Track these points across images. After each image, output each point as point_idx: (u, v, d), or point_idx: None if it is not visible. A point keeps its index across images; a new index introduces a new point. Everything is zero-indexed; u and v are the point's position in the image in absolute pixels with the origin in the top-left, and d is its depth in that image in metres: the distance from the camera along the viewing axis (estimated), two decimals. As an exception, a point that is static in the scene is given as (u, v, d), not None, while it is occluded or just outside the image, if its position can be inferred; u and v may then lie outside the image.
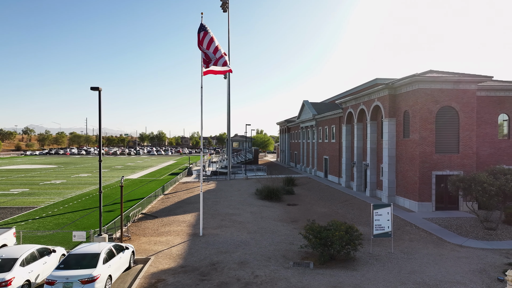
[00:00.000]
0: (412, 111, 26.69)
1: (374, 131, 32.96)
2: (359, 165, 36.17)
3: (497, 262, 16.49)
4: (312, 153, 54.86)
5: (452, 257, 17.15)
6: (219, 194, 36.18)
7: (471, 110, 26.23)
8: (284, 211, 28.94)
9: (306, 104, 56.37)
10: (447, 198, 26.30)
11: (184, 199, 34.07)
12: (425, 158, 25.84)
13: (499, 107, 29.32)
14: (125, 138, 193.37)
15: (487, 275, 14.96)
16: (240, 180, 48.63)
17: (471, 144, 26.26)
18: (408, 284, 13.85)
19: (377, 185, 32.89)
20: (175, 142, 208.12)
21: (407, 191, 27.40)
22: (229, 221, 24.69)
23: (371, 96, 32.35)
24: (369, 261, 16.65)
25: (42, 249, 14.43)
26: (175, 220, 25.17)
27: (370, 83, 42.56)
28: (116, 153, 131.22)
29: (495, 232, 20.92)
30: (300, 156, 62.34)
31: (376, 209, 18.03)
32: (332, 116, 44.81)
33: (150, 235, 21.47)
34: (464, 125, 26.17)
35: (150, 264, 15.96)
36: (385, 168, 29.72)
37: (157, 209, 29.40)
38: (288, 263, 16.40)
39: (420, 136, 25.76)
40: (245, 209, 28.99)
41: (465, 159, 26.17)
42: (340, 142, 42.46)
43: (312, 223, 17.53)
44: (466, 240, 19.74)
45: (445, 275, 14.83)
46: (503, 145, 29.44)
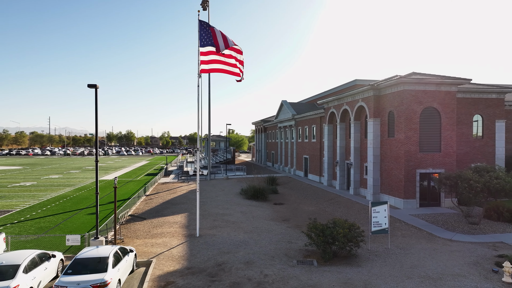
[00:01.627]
0: (397, 112, 27.66)
1: (357, 131, 33.84)
2: (342, 164, 37.01)
3: (487, 255, 17.44)
4: (291, 152, 55.45)
5: (446, 251, 17.96)
6: (204, 195, 35.78)
7: (451, 111, 27.57)
8: (273, 210, 29.09)
9: (284, 104, 56.89)
10: (430, 195, 27.49)
11: (169, 200, 33.42)
12: (410, 157, 26.87)
13: (474, 108, 30.99)
14: (91, 138, 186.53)
15: (482, 267, 15.80)
16: (221, 180, 48.31)
17: (452, 143, 27.60)
18: (414, 278, 14.37)
19: (360, 184, 33.80)
20: (144, 142, 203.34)
21: (392, 189, 28.37)
22: (222, 221, 24.50)
23: (355, 97, 33.18)
24: (370, 257, 17.10)
25: (42, 254, 13.69)
26: (166, 222, 24.65)
27: (350, 84, 43.68)
28: (84, 153, 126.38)
29: (478, 227, 22.12)
30: (278, 156, 62.82)
31: (374, 207, 18.54)
32: (313, 116, 45.52)
33: (144, 237, 20.90)
34: (445, 125, 27.46)
35: (154, 267, 15.54)
36: (370, 167, 30.60)
37: (143, 211, 28.66)
38: (292, 262, 16.52)
39: (405, 135, 26.75)
40: (234, 209, 28.87)
41: (446, 157, 27.48)
42: (322, 141, 43.22)
43: (314, 221, 17.75)
44: (455, 234, 20.74)
45: (444, 268, 15.52)
46: (477, 144, 31.15)
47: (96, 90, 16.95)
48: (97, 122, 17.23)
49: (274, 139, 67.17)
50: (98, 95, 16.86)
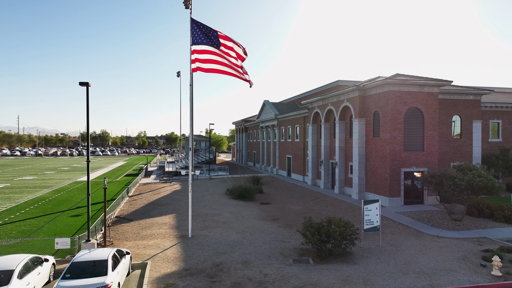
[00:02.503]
0: (382, 112, 28.31)
1: (342, 131, 34.40)
2: (327, 163, 37.51)
3: (473, 250, 18.16)
4: (274, 152, 55.69)
5: (435, 247, 18.55)
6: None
7: (434, 112, 28.50)
8: (261, 210, 29.12)
9: (267, 104, 57.06)
10: (414, 193, 28.32)
11: (154, 200, 32.82)
12: (395, 156, 27.57)
13: (453, 109, 32.17)
14: (64, 138, 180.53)
15: (470, 261, 16.44)
16: (204, 180, 47.91)
17: (434, 143, 28.54)
18: (409, 274, 14.76)
19: (345, 183, 34.37)
20: (119, 142, 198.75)
21: (377, 188, 29.02)
22: (212, 221, 24.30)
23: (340, 97, 33.72)
24: (364, 255, 17.43)
25: (34, 259, 13.12)
26: (154, 223, 24.20)
27: (332, 84, 44.28)
28: (56, 153, 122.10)
29: (461, 223, 22.99)
30: (260, 156, 62.93)
31: (366, 205, 18.91)
32: (297, 116, 45.90)
33: (134, 239, 20.43)
34: (428, 125, 28.35)
35: (150, 269, 15.22)
36: (355, 166, 31.17)
37: (129, 212, 28.03)
38: (288, 260, 16.61)
39: (390, 135, 27.43)
40: (223, 209, 28.70)
41: (429, 156, 28.38)
42: (305, 141, 43.65)
43: (309, 220, 17.91)
44: (441, 231, 21.46)
45: (436, 264, 16.03)
46: (456, 144, 32.36)
47: (88, 88, 16.42)
48: (88, 122, 16.69)
49: (256, 139, 67.25)
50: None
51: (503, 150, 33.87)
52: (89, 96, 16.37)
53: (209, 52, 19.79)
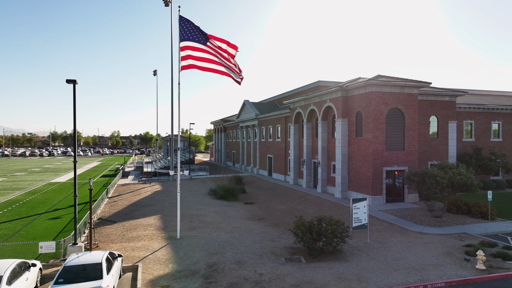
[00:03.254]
0: (365, 112, 28.92)
1: (325, 131, 34.89)
2: (309, 163, 37.93)
3: (456, 245, 18.88)
4: (254, 152, 55.74)
5: (420, 243, 19.15)
6: (171, 196, 34.81)
7: (414, 112, 29.40)
8: (246, 210, 29.08)
9: (247, 103, 57.04)
10: (395, 191, 29.11)
11: (135, 202, 32.10)
12: (377, 155, 28.24)
13: (430, 110, 33.33)
14: (32, 137, 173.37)
15: (454, 256, 17.08)
16: (185, 180, 47.30)
17: (414, 142, 29.44)
18: (400, 270, 15.16)
19: (328, 182, 34.88)
20: (92, 142, 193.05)
21: (360, 186, 29.63)
22: (199, 222, 24.04)
23: (323, 98, 34.18)
24: (353, 252, 17.74)
25: (21, 264, 12.52)
26: (139, 224, 23.67)
27: (313, 84, 44.84)
28: (25, 154, 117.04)
29: (442, 219, 23.85)
30: (240, 155, 62.83)
31: (354, 203, 19.26)
32: (278, 116, 46.14)
33: (120, 241, 19.90)
34: (408, 125, 29.22)
35: (142, 271, 14.87)
36: (338, 165, 31.69)
37: (111, 214, 27.29)
38: (280, 259, 16.67)
39: (373, 135, 28.07)
40: (208, 209, 28.45)
41: (409, 155, 29.26)
42: (287, 141, 43.95)
43: (300, 219, 18.05)
44: (424, 227, 22.18)
45: (423, 259, 16.55)
46: (433, 143, 33.54)
47: (75, 85, 15.84)
48: (75, 121, 16.11)
49: (235, 139, 67.09)
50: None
51: (476, 149, 35.40)
52: (75, 94, 15.79)
53: (199, 49, 19.55)
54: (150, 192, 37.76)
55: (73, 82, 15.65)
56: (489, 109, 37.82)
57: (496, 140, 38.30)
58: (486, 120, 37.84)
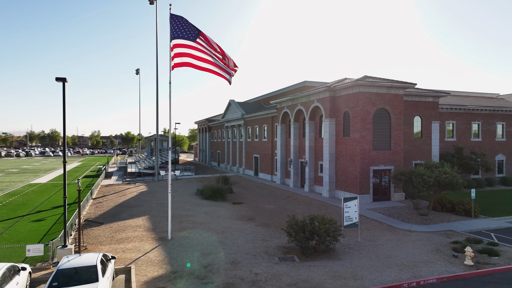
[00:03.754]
0: (353, 112, 29.31)
1: (312, 130, 35.16)
2: (296, 162, 38.15)
3: (443, 242, 19.38)
4: (240, 152, 55.65)
5: (409, 241, 19.55)
6: (158, 196, 34.38)
7: (399, 112, 30.00)
8: (234, 210, 28.99)
9: (233, 103, 56.90)
10: (381, 190, 29.62)
11: (121, 202, 31.51)
12: (365, 155, 28.67)
13: (414, 110, 34.09)
14: (7, 137, 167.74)
15: (443, 253, 17.53)
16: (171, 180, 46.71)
17: (400, 142, 30.04)
18: (393, 267, 15.44)
19: (315, 181, 35.18)
20: (71, 142, 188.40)
21: (348, 185, 30.01)
22: (188, 222, 23.81)
23: (310, 98, 34.44)
24: (345, 251, 17.95)
25: (11, 267, 12.09)
26: (127, 225, 23.25)
27: (299, 85, 45.12)
28: (0, 154, 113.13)
29: (428, 217, 24.43)
30: (225, 155, 62.60)
31: (345, 202, 19.50)
32: (264, 115, 46.21)
33: (109, 243, 19.50)
34: (394, 125, 29.79)
35: (136, 273, 14.61)
36: (326, 165, 32.01)
37: (97, 215, 26.70)
38: (274, 259, 16.70)
39: (360, 135, 28.48)
40: (196, 209, 28.22)
41: (395, 155, 29.83)
42: (273, 141, 44.08)
43: (293, 218, 18.13)
44: (411, 225, 22.66)
45: (414, 256, 16.91)
46: (417, 143, 34.33)
47: (64, 84, 15.42)
48: (64, 120, 15.68)
49: (221, 139, 66.81)
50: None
51: (458, 149, 36.43)
52: (65, 92, 15.38)
53: (190, 47, 19.35)
54: (136, 192, 37.15)
55: (62, 80, 15.23)
56: (470, 110, 39.00)
57: (476, 140, 39.52)
58: (466, 121, 39.00)
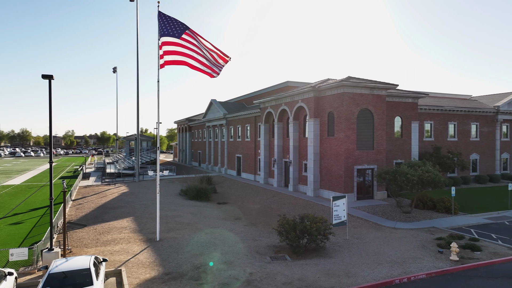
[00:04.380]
0: (337, 112, 29.74)
1: (296, 130, 35.42)
2: (280, 162, 38.32)
3: (428, 239, 19.96)
4: (222, 152, 55.37)
5: (395, 238, 20.03)
6: (141, 197, 33.74)
7: (382, 113, 30.67)
8: (220, 210, 28.83)
9: (214, 103, 56.55)
10: (364, 189, 30.20)
11: (103, 204, 30.73)
12: (349, 154, 29.14)
13: (395, 111, 34.94)
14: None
15: (428, 249, 18.06)
16: (151, 181, 45.99)
17: (382, 141, 30.72)
18: (383, 264, 15.77)
19: (299, 180, 35.45)
20: (43, 142, 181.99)
21: (332, 184, 30.42)
22: (175, 223, 23.48)
23: (295, 98, 34.69)
24: (335, 249, 18.19)
25: (-3, 273, 11.57)
26: (112, 227, 22.69)
27: (282, 85, 45.35)
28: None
29: (410, 215, 25.09)
30: (206, 155, 62.14)
31: (334, 201, 19.75)
32: (247, 115, 46.17)
33: (95, 246, 18.96)
34: (377, 125, 30.43)
35: (127, 276, 14.27)
36: (310, 164, 32.32)
37: (79, 217, 25.92)
38: (265, 258, 16.72)
39: (345, 134, 28.93)
40: (182, 210, 27.88)
41: (378, 154, 30.48)
42: (257, 140, 44.11)
43: (284, 218, 18.20)
44: (396, 223, 23.21)
45: (402, 253, 17.33)
46: (398, 143, 35.20)
47: (50, 81, 14.85)
48: (51, 119, 15.09)
49: (202, 139, 66.26)
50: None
51: (436, 148, 37.62)
52: (51, 90, 14.81)
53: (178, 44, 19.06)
54: (117, 193, 36.31)
55: (49, 78, 14.67)
56: (446, 110, 40.35)
57: (452, 140, 40.93)
58: (443, 121, 40.32)
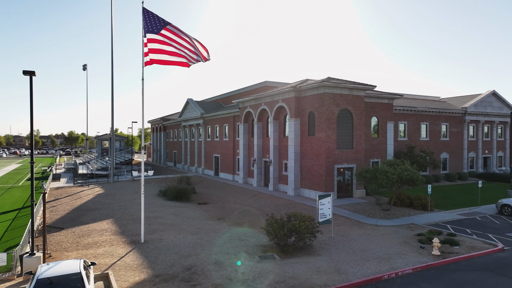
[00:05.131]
0: (318, 112, 30.16)
1: (276, 130, 35.62)
2: (260, 162, 38.40)
3: (409, 235, 20.63)
4: (199, 151, 54.81)
5: (378, 235, 20.56)
6: (118, 198, 32.79)
7: (361, 113, 31.40)
8: (202, 210, 28.54)
9: (191, 102, 55.88)
10: (344, 187, 30.82)
11: (79, 206, 29.63)
12: (329, 153, 29.64)
13: (372, 111, 35.88)
14: None
15: (411, 245, 18.68)
16: (127, 182, 44.82)
17: (361, 141, 31.46)
18: (371, 260, 16.15)
19: (279, 180, 35.66)
20: (5, 142, 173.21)
21: (313, 183, 30.82)
22: (158, 224, 23.00)
23: (275, 98, 34.87)
24: (322, 246, 18.43)
25: (-21, 280, 10.89)
26: (92, 230, 21.92)
27: (260, 84, 45.50)
28: None
29: (390, 212, 25.86)
30: (182, 155, 61.30)
31: (320, 199, 20.02)
32: (226, 115, 45.95)
33: (75, 249, 18.25)
34: (356, 125, 31.13)
35: (115, 279, 13.83)
36: (291, 164, 32.60)
37: (54, 220, 24.88)
38: (254, 258, 16.69)
39: (325, 134, 29.39)
40: (163, 211, 27.35)
41: (357, 154, 31.19)
42: (235, 140, 43.98)
43: (271, 217, 18.25)
44: (377, 220, 23.84)
45: (386, 249, 17.82)
46: (374, 142, 36.17)
47: (32, 78, 14.14)
48: (32, 118, 14.37)
49: (177, 138, 65.29)
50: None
51: (410, 148, 38.98)
52: (32, 87, 14.09)
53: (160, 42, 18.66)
54: (92, 195, 35.12)
55: (30, 74, 13.96)
56: (419, 111, 41.90)
57: (424, 140, 42.55)
58: (416, 122, 41.85)
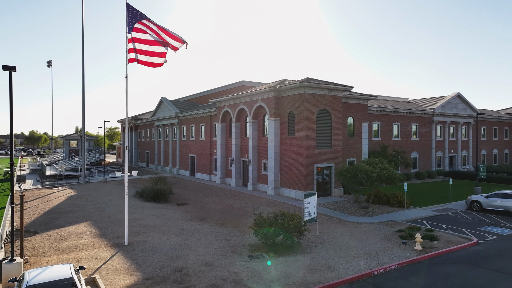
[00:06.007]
0: (297, 112, 30.49)
1: (255, 130, 35.67)
2: (238, 161, 38.29)
3: (389, 231, 21.31)
4: (174, 152, 53.89)
5: (361, 232, 21.08)
6: (92, 200, 31.61)
7: (339, 113, 32.07)
8: (182, 211, 28.10)
9: (165, 101, 54.82)
10: (323, 186, 31.36)
11: (51, 208, 28.31)
12: (309, 153, 30.05)
13: (348, 112, 36.74)
14: None
15: (393, 241, 19.29)
16: (99, 183, 43.31)
17: (339, 141, 32.13)
18: (359, 256, 16.52)
19: (258, 179, 35.73)
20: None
21: (293, 183, 31.12)
22: (140, 226, 22.39)
23: (254, 97, 34.90)
24: (309, 244, 18.65)
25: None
26: (69, 233, 21.00)
27: (236, 84, 45.43)
28: None
29: (369, 210, 26.59)
30: (156, 155, 60.01)
31: (305, 198, 20.26)
32: (202, 114, 45.45)
33: (55, 254, 17.41)
34: (335, 125, 31.75)
35: (104, 283, 13.32)
36: (270, 163, 32.75)
37: (26, 223, 23.59)
38: (244, 257, 16.63)
39: (305, 134, 29.77)
40: (143, 212, 26.67)
41: (335, 153, 31.82)
42: (212, 140, 43.62)
43: (260, 216, 18.25)
44: (358, 218, 24.43)
45: (371, 246, 18.30)
46: (350, 142, 37.05)
47: (11, 73, 13.32)
48: (11, 115, 13.54)
49: (150, 138, 63.84)
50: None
51: (383, 147, 40.25)
52: (12, 83, 13.29)
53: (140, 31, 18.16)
54: (64, 197, 33.65)
55: (10, 69, 13.15)
56: (391, 112, 43.36)
57: (396, 139, 44.09)
58: (389, 122, 43.28)
